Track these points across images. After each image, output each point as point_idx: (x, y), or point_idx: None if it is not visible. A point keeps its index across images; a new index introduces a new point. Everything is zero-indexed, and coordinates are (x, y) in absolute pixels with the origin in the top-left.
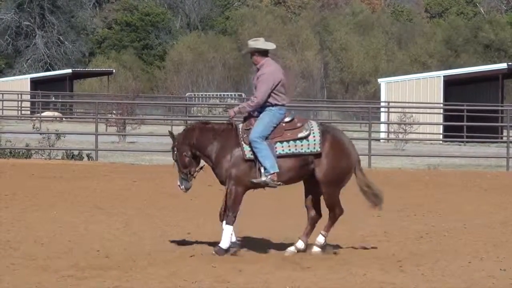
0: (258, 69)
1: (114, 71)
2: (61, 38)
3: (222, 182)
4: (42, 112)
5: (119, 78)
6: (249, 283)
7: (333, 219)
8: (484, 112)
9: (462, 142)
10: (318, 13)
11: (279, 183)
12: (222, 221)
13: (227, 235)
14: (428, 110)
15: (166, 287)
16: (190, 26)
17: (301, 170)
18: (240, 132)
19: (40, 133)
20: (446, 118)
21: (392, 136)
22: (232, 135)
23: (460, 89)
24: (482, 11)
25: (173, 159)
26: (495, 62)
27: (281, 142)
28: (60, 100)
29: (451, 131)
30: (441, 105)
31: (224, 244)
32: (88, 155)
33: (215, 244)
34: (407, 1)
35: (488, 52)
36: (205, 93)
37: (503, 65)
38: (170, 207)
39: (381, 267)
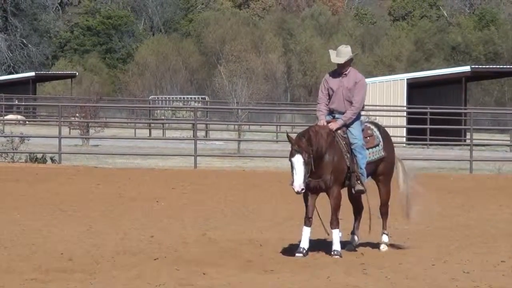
0: (342, 76)
1: (77, 74)
2: (24, 41)
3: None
4: (5, 115)
5: (85, 81)
6: (212, 286)
7: (386, 214)
8: (447, 115)
9: (426, 145)
10: (281, 16)
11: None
12: (309, 226)
13: (337, 238)
14: (392, 113)
15: None
16: (154, 29)
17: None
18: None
19: (4, 136)
20: (410, 121)
21: None
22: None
23: (424, 92)
24: (445, 14)
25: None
26: (460, 65)
27: (367, 149)
28: (23, 103)
29: (415, 134)
30: (405, 108)
31: (338, 246)
32: (51, 158)
33: (178, 247)
34: (370, 4)
35: (454, 55)
36: (169, 96)
37: (466, 68)
38: (133, 210)
39: (345, 270)
